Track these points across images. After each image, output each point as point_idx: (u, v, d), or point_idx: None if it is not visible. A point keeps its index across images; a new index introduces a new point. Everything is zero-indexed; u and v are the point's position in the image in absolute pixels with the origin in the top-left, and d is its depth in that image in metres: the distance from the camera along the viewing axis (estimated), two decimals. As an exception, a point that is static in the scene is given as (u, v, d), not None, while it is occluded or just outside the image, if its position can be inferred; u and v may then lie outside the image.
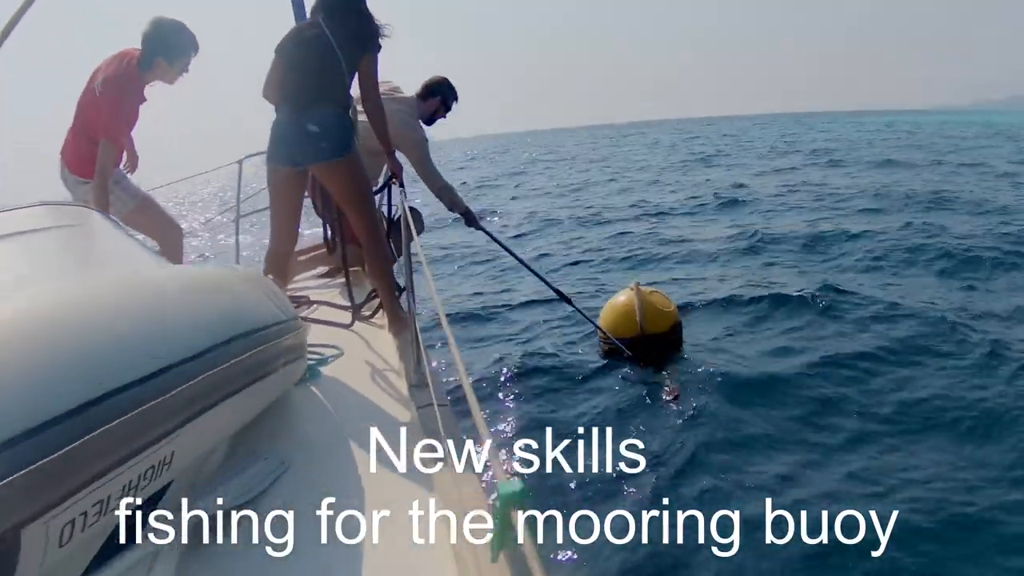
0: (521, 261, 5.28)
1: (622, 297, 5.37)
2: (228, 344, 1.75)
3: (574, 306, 5.34)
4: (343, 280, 3.74)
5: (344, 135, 3.10)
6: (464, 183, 22.72)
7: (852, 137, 38.56)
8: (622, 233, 11.29)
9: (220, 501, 1.71)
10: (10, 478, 1.08)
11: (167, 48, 3.44)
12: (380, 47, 3.16)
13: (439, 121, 4.57)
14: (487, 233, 4.95)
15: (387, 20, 3.18)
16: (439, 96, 4.48)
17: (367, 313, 3.61)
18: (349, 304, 3.58)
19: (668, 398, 4.42)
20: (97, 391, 1.29)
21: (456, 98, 4.55)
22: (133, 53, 3.47)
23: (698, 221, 12.29)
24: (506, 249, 5.22)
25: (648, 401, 4.44)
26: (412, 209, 3.58)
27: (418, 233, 3.46)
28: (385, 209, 4.01)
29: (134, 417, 1.33)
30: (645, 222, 12.42)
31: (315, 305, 3.72)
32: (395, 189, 3.66)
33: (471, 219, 4.69)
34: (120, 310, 1.52)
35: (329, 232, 3.98)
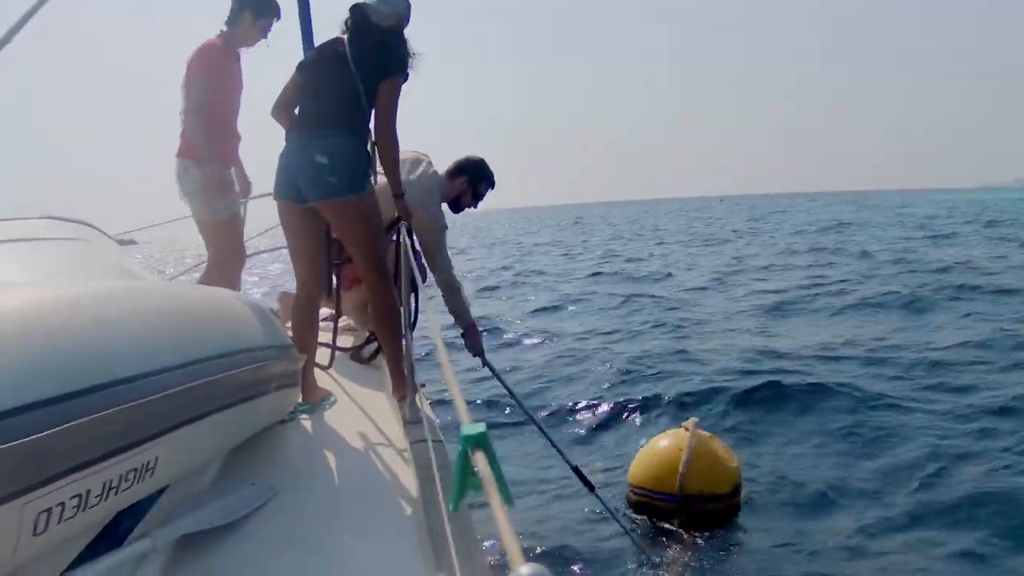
0: (528, 414, 4.07)
1: (665, 441, 4.08)
2: (216, 359, 1.76)
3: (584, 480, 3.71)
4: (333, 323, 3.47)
5: (357, 170, 2.70)
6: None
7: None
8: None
9: (205, 518, 1.68)
10: None
11: (255, 2, 3.49)
12: (407, 76, 2.76)
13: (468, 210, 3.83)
14: (490, 368, 3.85)
15: (422, 50, 2.79)
16: (467, 176, 3.73)
17: (367, 356, 3.57)
18: (330, 344, 3.33)
19: None
20: (81, 383, 1.30)
21: (490, 184, 3.81)
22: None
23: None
24: (513, 397, 4.02)
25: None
26: (417, 253, 3.16)
27: (423, 281, 3.08)
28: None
29: (116, 413, 1.33)
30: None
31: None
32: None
33: (474, 338, 3.71)
34: (112, 312, 1.54)
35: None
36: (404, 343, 2.76)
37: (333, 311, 3.47)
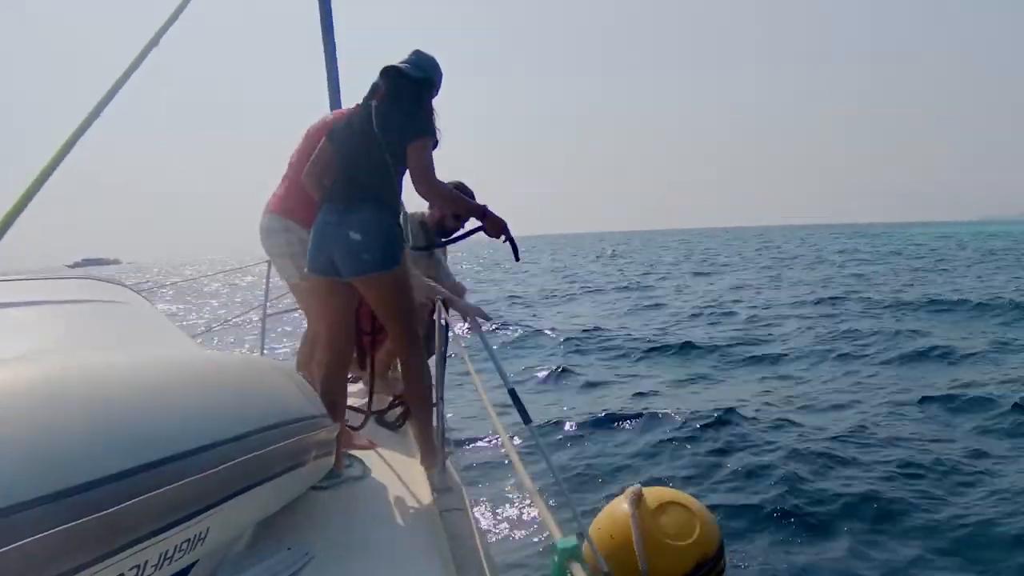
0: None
1: (612, 517, 3.22)
2: (268, 431, 1.81)
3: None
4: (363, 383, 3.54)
5: (390, 245, 2.71)
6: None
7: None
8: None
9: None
10: (50, 531, 1.11)
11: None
12: (436, 142, 2.75)
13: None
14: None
15: (444, 126, 2.78)
16: None
17: (391, 420, 3.62)
18: (364, 409, 3.38)
19: None
20: (148, 457, 1.35)
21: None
22: None
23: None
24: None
25: None
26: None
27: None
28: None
29: (180, 487, 1.38)
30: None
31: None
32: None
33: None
34: (165, 385, 1.59)
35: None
36: (435, 412, 2.83)
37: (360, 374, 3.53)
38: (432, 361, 3.17)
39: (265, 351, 4.67)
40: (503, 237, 2.84)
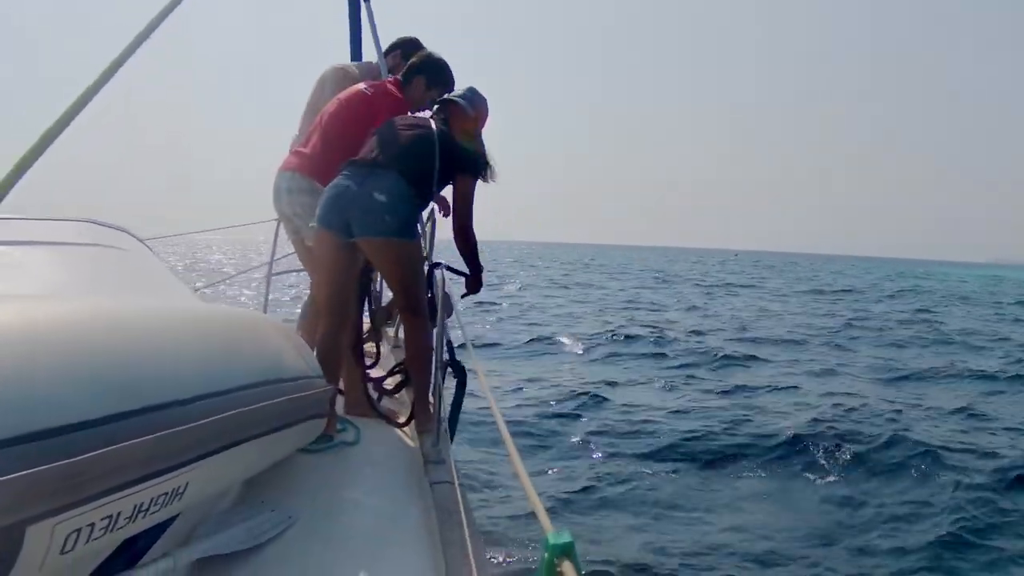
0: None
1: None
2: (257, 387, 1.76)
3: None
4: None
5: (411, 219, 2.78)
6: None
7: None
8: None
9: (226, 541, 1.68)
10: (26, 472, 1.07)
11: (430, 69, 3.31)
12: (487, 178, 2.95)
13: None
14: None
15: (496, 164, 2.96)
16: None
17: (390, 388, 3.58)
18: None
19: None
20: (126, 405, 1.30)
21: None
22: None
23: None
24: None
25: None
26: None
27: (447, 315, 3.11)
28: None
29: (158, 438, 1.33)
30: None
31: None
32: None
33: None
34: (156, 332, 1.54)
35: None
36: (434, 380, 2.80)
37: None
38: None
39: (268, 312, 4.61)
40: (466, 294, 3.18)
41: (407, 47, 3.83)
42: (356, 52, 4.84)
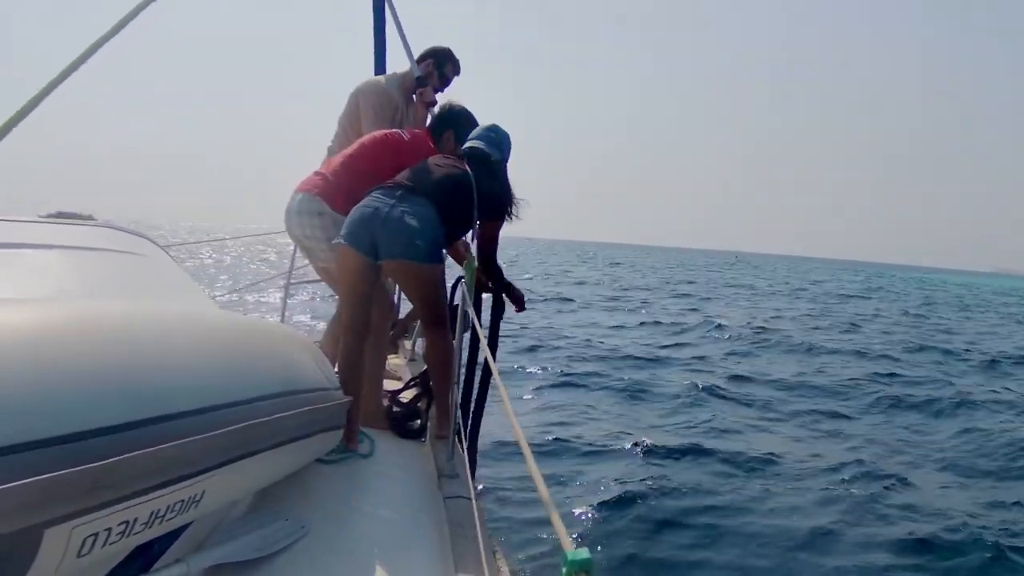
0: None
1: None
2: (275, 398, 1.77)
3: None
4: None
5: (438, 247, 2.81)
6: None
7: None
8: None
9: (240, 549, 1.69)
10: (46, 475, 1.08)
11: (459, 124, 3.39)
12: (511, 218, 3.06)
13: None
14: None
15: (524, 197, 3.06)
16: (431, 60, 3.94)
17: (406, 401, 3.59)
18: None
19: None
20: (147, 412, 1.32)
21: (455, 67, 3.98)
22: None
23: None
24: None
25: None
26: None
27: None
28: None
29: (176, 446, 1.34)
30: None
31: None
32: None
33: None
34: (172, 341, 1.55)
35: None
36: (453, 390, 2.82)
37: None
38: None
39: (286, 322, 4.65)
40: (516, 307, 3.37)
41: (439, 56, 3.92)
42: (380, 54, 4.82)
